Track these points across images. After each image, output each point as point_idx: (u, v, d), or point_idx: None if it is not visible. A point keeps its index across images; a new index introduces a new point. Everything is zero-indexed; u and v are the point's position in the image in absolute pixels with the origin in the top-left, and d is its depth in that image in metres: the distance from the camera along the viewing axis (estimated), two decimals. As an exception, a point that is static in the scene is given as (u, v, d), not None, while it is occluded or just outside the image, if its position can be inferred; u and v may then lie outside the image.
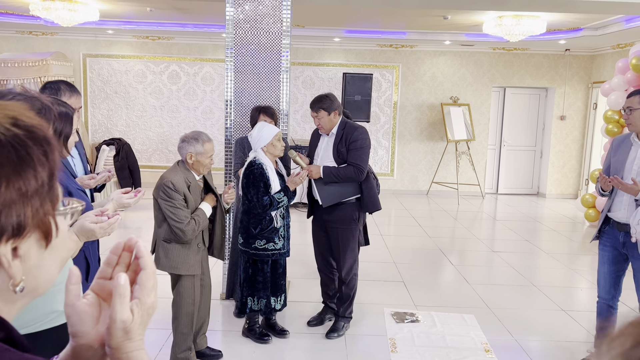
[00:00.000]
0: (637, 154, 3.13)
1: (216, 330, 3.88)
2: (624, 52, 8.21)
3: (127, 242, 0.80)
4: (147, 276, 0.76)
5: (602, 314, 3.40)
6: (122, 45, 9.45)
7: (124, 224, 7.07)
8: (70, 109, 2.06)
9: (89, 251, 2.37)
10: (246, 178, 3.40)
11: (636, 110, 3.04)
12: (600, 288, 3.38)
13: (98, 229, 1.65)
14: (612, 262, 3.28)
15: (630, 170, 3.12)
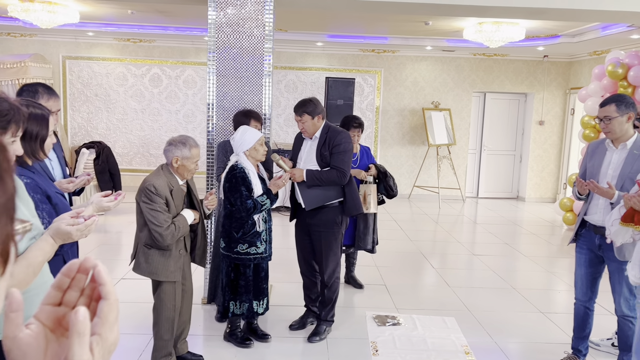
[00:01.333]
0: (612, 159, 3.20)
1: (197, 335, 3.86)
2: (600, 59, 8.38)
3: (83, 262, 0.67)
4: (110, 307, 0.64)
5: (579, 315, 3.46)
6: (102, 47, 9.36)
7: (104, 228, 6.99)
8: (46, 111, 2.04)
9: (68, 255, 2.34)
10: (228, 182, 3.39)
11: (615, 119, 3.11)
12: (577, 290, 3.45)
13: (74, 231, 1.63)
14: (588, 265, 3.35)
15: (606, 175, 3.19)
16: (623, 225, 2.83)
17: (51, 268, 1.87)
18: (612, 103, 3.12)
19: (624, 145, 3.15)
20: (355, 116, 4.67)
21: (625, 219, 2.82)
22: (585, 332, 3.47)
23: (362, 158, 4.68)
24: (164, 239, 2.97)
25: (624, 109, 3.10)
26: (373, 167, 4.60)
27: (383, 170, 4.65)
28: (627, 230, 2.83)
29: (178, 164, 3.04)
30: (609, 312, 3.96)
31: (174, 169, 3.07)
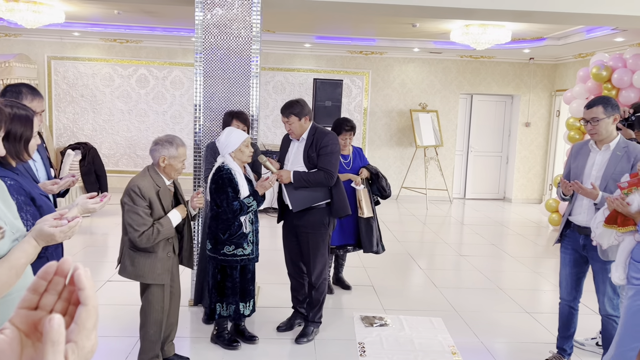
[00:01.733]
0: (596, 160, 3.24)
1: (184, 337, 3.84)
2: (584, 62, 8.48)
3: (61, 265, 0.65)
4: (88, 314, 0.61)
5: (563, 315, 3.49)
6: (88, 47, 9.28)
7: (90, 229, 6.92)
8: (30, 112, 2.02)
9: (53, 257, 2.32)
10: (215, 184, 3.38)
11: (602, 120, 3.14)
12: (562, 289, 3.48)
13: (58, 233, 1.62)
14: (573, 265, 3.38)
15: (590, 176, 3.23)
16: (607, 227, 2.87)
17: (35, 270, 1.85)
18: (600, 105, 3.16)
19: (607, 147, 3.19)
20: (347, 119, 4.66)
21: (608, 221, 2.87)
22: (570, 332, 3.51)
23: (354, 160, 4.67)
24: (138, 242, 2.95)
25: (610, 110, 3.14)
26: (364, 170, 4.59)
27: (375, 171, 4.65)
28: (611, 232, 2.87)
29: (165, 164, 3.02)
30: (594, 311, 4.00)
31: (160, 168, 3.05)
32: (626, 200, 2.76)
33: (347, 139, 4.55)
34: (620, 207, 2.77)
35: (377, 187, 4.65)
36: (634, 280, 2.74)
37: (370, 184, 4.67)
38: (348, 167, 4.59)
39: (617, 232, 2.84)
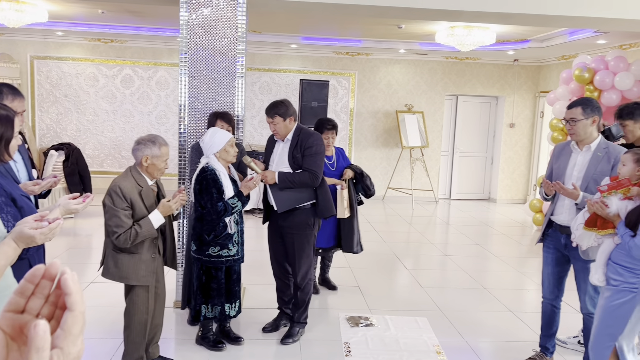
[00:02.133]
0: (577, 161, 3.28)
1: (169, 338, 3.82)
2: (567, 63, 8.59)
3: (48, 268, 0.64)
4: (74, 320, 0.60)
5: (546, 313, 3.53)
6: (72, 47, 9.19)
7: (74, 231, 6.85)
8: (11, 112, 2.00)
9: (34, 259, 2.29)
10: (199, 184, 3.36)
11: (580, 121, 3.19)
12: (544, 288, 3.52)
13: (38, 235, 1.60)
14: (555, 264, 3.42)
15: (571, 176, 3.27)
16: (586, 230, 2.92)
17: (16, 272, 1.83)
18: (579, 106, 3.21)
19: (588, 148, 3.24)
20: (328, 118, 4.66)
21: (588, 224, 2.91)
22: (552, 330, 3.55)
23: (338, 160, 4.67)
24: (117, 243, 2.93)
25: (589, 112, 3.18)
26: (349, 171, 4.59)
27: (359, 171, 4.65)
28: (590, 235, 2.92)
29: (148, 163, 3.00)
30: (575, 310, 4.05)
31: (143, 168, 3.03)
32: (605, 202, 2.81)
33: (330, 138, 4.53)
34: (599, 210, 2.82)
35: (361, 186, 4.65)
36: (612, 281, 2.79)
37: (354, 184, 4.67)
38: (333, 168, 4.58)
39: (597, 234, 2.89)
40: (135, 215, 2.97)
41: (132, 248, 3.00)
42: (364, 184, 4.63)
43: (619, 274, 2.75)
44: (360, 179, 4.63)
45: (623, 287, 2.72)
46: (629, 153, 2.92)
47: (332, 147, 4.62)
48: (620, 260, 2.76)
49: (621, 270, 2.74)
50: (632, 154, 2.90)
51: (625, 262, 2.73)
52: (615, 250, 2.80)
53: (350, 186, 4.62)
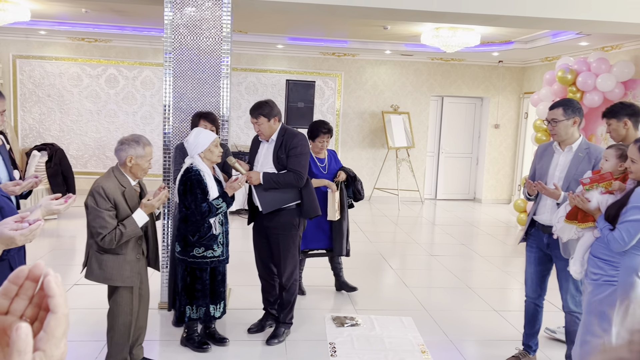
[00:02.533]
0: (559, 161, 3.32)
1: (153, 340, 3.79)
2: (551, 65, 8.69)
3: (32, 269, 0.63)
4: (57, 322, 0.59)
5: (529, 312, 3.57)
6: (55, 46, 9.09)
7: (56, 232, 6.78)
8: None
9: (15, 260, 2.26)
10: (183, 185, 3.34)
11: (560, 122, 3.24)
12: (527, 287, 3.56)
13: (18, 236, 1.58)
14: (537, 263, 3.46)
15: (553, 176, 3.32)
16: (567, 223, 2.96)
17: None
18: (560, 107, 3.26)
19: (570, 148, 3.28)
20: (323, 121, 4.61)
21: (569, 217, 2.96)
22: (535, 329, 3.59)
23: (330, 163, 4.65)
24: (101, 244, 2.91)
25: (570, 113, 3.23)
26: (342, 173, 4.56)
27: (352, 174, 4.63)
28: (571, 227, 2.96)
29: (132, 163, 2.98)
30: (558, 308, 4.10)
31: (127, 168, 3.01)
32: (586, 196, 2.85)
33: (325, 142, 4.52)
34: (580, 203, 2.86)
35: (352, 190, 4.64)
36: (593, 275, 2.83)
37: (346, 186, 4.65)
38: (325, 171, 4.55)
39: (577, 227, 2.93)
40: (118, 216, 2.95)
41: (116, 249, 2.98)
42: (355, 188, 4.62)
43: (599, 267, 2.79)
44: (352, 182, 4.61)
45: (603, 280, 2.76)
46: (612, 148, 2.97)
47: (325, 150, 4.61)
48: (600, 254, 2.80)
49: (601, 263, 2.79)
50: (615, 149, 2.95)
51: (604, 255, 2.77)
52: (595, 244, 2.84)
53: (342, 189, 4.60)
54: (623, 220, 2.65)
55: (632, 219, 2.61)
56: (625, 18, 4.76)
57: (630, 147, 2.73)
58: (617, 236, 2.65)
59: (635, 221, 2.61)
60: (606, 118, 3.55)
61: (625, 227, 2.63)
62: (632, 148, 2.70)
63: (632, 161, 2.69)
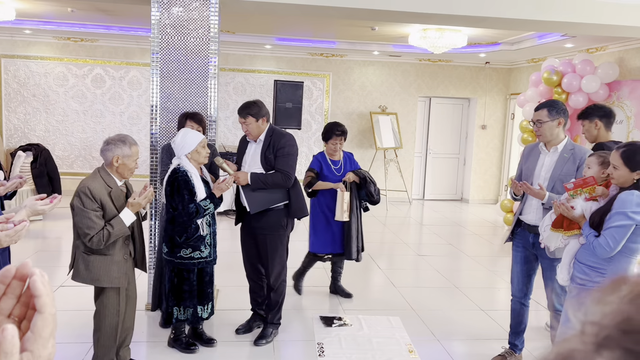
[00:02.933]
0: (545, 162, 3.36)
1: (141, 341, 3.77)
2: (537, 66, 8.78)
3: (20, 268, 0.63)
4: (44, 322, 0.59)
5: (515, 311, 3.60)
6: (41, 46, 8.99)
7: (42, 233, 6.71)
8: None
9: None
10: (170, 186, 3.32)
11: (545, 123, 3.27)
12: (513, 286, 3.59)
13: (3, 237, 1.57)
14: (523, 262, 3.50)
15: (539, 176, 3.35)
16: (553, 231, 3.01)
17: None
18: (545, 108, 3.29)
19: (555, 149, 3.32)
20: (337, 123, 4.52)
21: (555, 225, 3.00)
22: (521, 327, 3.62)
23: (345, 166, 4.56)
24: (89, 245, 2.89)
25: (554, 114, 3.27)
26: (351, 174, 4.45)
27: (363, 176, 4.48)
28: (557, 236, 3.01)
29: (119, 163, 2.97)
30: (544, 307, 4.14)
31: (113, 168, 2.99)
32: (570, 203, 2.89)
33: (338, 144, 4.45)
34: (565, 211, 2.90)
35: (365, 192, 4.49)
36: (578, 279, 2.87)
37: (358, 189, 4.52)
38: (339, 173, 4.49)
39: (563, 235, 2.97)
40: (105, 217, 2.93)
41: (104, 249, 2.96)
42: (367, 190, 4.46)
43: (585, 273, 2.83)
44: (364, 184, 4.46)
45: (589, 286, 2.80)
46: (593, 156, 3.00)
47: (339, 152, 4.54)
48: (586, 260, 2.83)
49: (587, 269, 2.82)
50: (597, 156, 2.99)
51: (590, 262, 2.81)
52: (581, 250, 2.88)
53: (353, 190, 4.47)
54: (608, 227, 2.68)
55: (617, 224, 2.65)
56: (609, 20, 4.83)
57: (612, 153, 2.77)
58: (602, 242, 2.68)
59: (620, 227, 2.64)
60: (580, 119, 3.79)
61: (610, 233, 2.66)
62: (614, 155, 2.74)
63: (614, 167, 2.72)
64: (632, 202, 2.63)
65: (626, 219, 2.63)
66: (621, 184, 2.73)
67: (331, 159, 4.55)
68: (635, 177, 2.67)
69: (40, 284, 0.60)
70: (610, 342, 0.40)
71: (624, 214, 2.64)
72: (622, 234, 2.65)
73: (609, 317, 0.41)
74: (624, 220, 2.64)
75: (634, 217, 2.63)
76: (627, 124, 6.34)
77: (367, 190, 4.48)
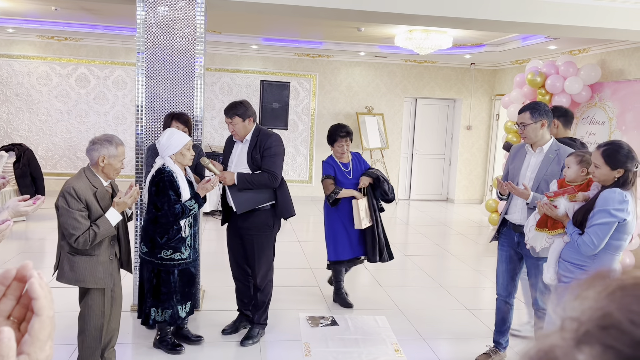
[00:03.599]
0: (530, 162, 3.41)
1: (126, 342, 3.74)
2: (521, 68, 8.87)
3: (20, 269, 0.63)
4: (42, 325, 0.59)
5: (500, 309, 3.64)
6: (24, 45, 8.88)
7: (25, 234, 6.63)
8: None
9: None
10: (155, 186, 3.30)
11: (529, 125, 3.32)
12: (498, 285, 3.63)
13: (-14, 238, 1.56)
14: (508, 261, 3.54)
15: (524, 176, 3.40)
16: (538, 231, 3.05)
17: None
18: (527, 111, 3.34)
19: (540, 150, 3.36)
20: (341, 125, 4.41)
21: (539, 225, 3.04)
22: (506, 326, 3.66)
23: (355, 167, 4.43)
24: (75, 246, 2.86)
25: (537, 116, 3.31)
26: (364, 179, 4.32)
27: (375, 175, 4.35)
28: (542, 235, 3.05)
29: (105, 163, 2.95)
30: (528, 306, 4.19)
31: (99, 169, 2.97)
32: (553, 203, 2.94)
33: (344, 146, 4.32)
34: (549, 211, 2.94)
35: (379, 192, 4.37)
36: (564, 278, 2.91)
37: (372, 189, 4.39)
38: (350, 176, 4.37)
39: (548, 235, 3.02)
40: (91, 217, 2.91)
41: (89, 250, 2.94)
42: (381, 190, 4.34)
43: (570, 271, 2.87)
44: (377, 184, 4.34)
45: None
46: (572, 156, 3.05)
47: (347, 153, 4.43)
48: (571, 258, 2.88)
49: (571, 267, 2.87)
50: (575, 156, 3.04)
51: (575, 260, 2.86)
52: (566, 249, 2.93)
53: (369, 193, 4.36)
54: (591, 224, 2.73)
55: (600, 222, 2.69)
56: (592, 23, 4.90)
57: (593, 152, 2.82)
58: (587, 240, 2.73)
59: (603, 224, 2.69)
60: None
61: (594, 230, 2.71)
62: (595, 153, 2.79)
63: (595, 166, 2.77)
64: (614, 200, 2.68)
65: (609, 217, 2.68)
66: (603, 182, 2.78)
67: (341, 162, 4.41)
68: (616, 175, 2.72)
69: (38, 286, 0.60)
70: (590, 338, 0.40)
71: (607, 212, 2.69)
72: (606, 231, 2.70)
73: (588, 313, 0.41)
74: (607, 218, 2.69)
75: (616, 215, 2.68)
76: (609, 125, 6.44)
77: (382, 189, 4.34)
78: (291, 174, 9.77)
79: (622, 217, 2.69)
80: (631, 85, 6.22)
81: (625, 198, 2.69)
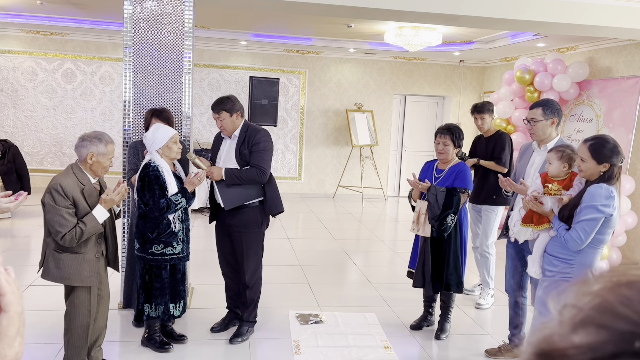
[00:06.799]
0: (536, 160, 3.42)
1: (113, 341, 3.70)
2: (510, 65, 8.91)
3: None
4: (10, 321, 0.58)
5: (510, 306, 3.62)
6: (8, 39, 8.75)
7: (10, 232, 6.54)
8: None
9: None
10: (141, 181, 3.27)
11: (539, 122, 3.32)
12: (506, 283, 3.62)
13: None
14: (515, 258, 3.53)
15: (529, 174, 3.41)
16: (524, 226, 3.07)
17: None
18: (540, 107, 3.33)
19: (545, 147, 3.37)
20: (457, 125, 3.83)
21: (525, 220, 3.06)
22: (516, 323, 3.60)
23: (447, 179, 3.78)
24: (62, 243, 2.82)
25: (549, 113, 3.31)
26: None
27: (430, 200, 3.63)
28: (527, 230, 3.07)
29: (93, 160, 2.90)
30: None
31: (87, 166, 2.92)
32: (539, 200, 2.95)
33: (441, 143, 3.66)
34: (535, 207, 2.95)
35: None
36: (548, 272, 2.92)
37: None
38: (435, 182, 3.75)
39: (534, 229, 3.03)
40: (78, 215, 2.87)
41: (75, 247, 2.89)
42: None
43: (554, 265, 2.89)
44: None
45: (559, 277, 2.85)
46: (552, 151, 3.06)
47: (446, 155, 3.68)
48: (555, 252, 2.89)
49: (556, 261, 2.88)
50: (555, 151, 3.05)
51: (559, 254, 2.87)
52: (551, 243, 2.94)
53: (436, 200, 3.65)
54: (578, 220, 2.74)
55: (587, 217, 2.70)
56: (580, 20, 4.92)
57: (579, 146, 2.83)
58: (574, 235, 2.74)
59: (590, 220, 2.70)
60: (479, 113, 4.71)
61: (581, 226, 2.72)
62: (581, 147, 2.79)
63: (582, 160, 2.78)
64: (601, 195, 2.69)
65: (596, 212, 2.70)
66: (588, 177, 2.79)
67: (437, 168, 3.86)
68: (602, 169, 2.73)
69: (4, 282, 0.59)
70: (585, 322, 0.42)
71: (594, 207, 2.70)
72: (593, 226, 2.71)
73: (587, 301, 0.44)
74: (594, 214, 2.70)
75: (603, 210, 2.69)
76: (597, 123, 6.48)
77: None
78: (280, 171, 9.74)
79: (609, 212, 2.71)
80: (619, 82, 6.26)
81: (611, 194, 2.70)
